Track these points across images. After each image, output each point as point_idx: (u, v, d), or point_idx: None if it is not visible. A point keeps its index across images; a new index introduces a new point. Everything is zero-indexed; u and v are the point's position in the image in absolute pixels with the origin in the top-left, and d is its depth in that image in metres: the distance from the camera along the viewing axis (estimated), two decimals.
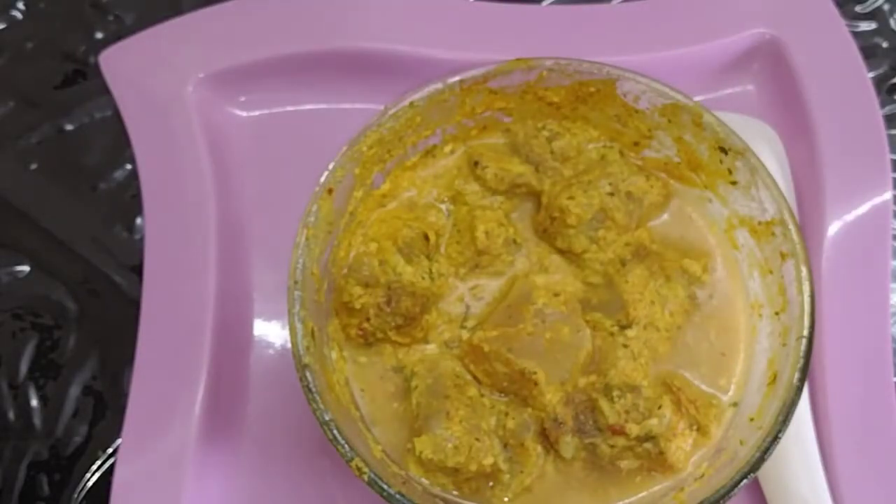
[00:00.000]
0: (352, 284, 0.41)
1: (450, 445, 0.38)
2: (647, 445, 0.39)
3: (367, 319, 0.41)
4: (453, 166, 0.45)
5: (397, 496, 0.36)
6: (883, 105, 0.52)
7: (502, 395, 0.41)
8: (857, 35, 0.54)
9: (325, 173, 0.40)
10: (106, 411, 0.48)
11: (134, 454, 0.44)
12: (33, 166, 0.52)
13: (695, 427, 0.40)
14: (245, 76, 0.51)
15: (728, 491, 0.36)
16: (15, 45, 0.54)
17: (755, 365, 0.41)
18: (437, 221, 0.44)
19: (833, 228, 0.48)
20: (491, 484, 0.40)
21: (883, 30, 0.56)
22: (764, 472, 0.45)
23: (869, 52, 0.54)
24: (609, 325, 0.41)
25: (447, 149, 0.45)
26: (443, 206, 0.44)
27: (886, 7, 0.56)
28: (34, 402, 0.48)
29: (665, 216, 0.44)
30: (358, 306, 0.40)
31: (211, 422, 0.45)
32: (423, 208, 0.44)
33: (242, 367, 0.48)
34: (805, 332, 0.38)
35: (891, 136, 0.51)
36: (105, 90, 0.52)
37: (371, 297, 0.41)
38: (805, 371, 0.38)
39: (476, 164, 0.44)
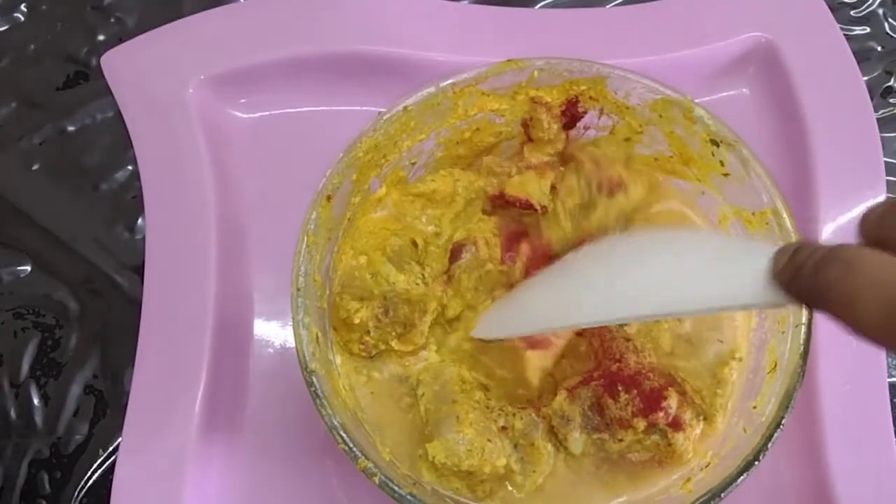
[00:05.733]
0: (347, 300, 0.41)
1: (462, 448, 0.38)
2: (655, 438, 0.40)
3: (368, 332, 0.41)
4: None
5: (408, 497, 0.36)
6: (877, 109, 0.52)
7: (509, 403, 0.41)
8: (852, 39, 0.54)
9: (323, 180, 0.40)
10: (107, 410, 0.48)
11: (135, 453, 0.45)
12: (35, 167, 0.52)
13: (701, 417, 0.40)
14: (245, 78, 0.52)
15: (734, 479, 0.37)
16: (17, 47, 0.55)
17: (755, 352, 0.42)
18: (425, 229, 0.44)
19: (827, 231, 0.48)
20: (506, 484, 0.40)
21: (877, 34, 0.56)
22: None
23: (863, 56, 0.55)
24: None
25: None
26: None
27: (881, 11, 0.56)
28: (35, 401, 0.48)
29: (658, 210, 0.45)
30: (356, 321, 0.41)
31: (211, 420, 0.45)
32: (411, 217, 0.44)
33: (242, 366, 0.48)
34: (804, 320, 0.39)
35: (885, 139, 0.51)
36: (107, 92, 0.53)
37: (368, 309, 0.41)
38: (805, 358, 0.38)
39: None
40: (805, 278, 0.27)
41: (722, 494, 0.37)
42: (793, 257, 0.28)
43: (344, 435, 0.37)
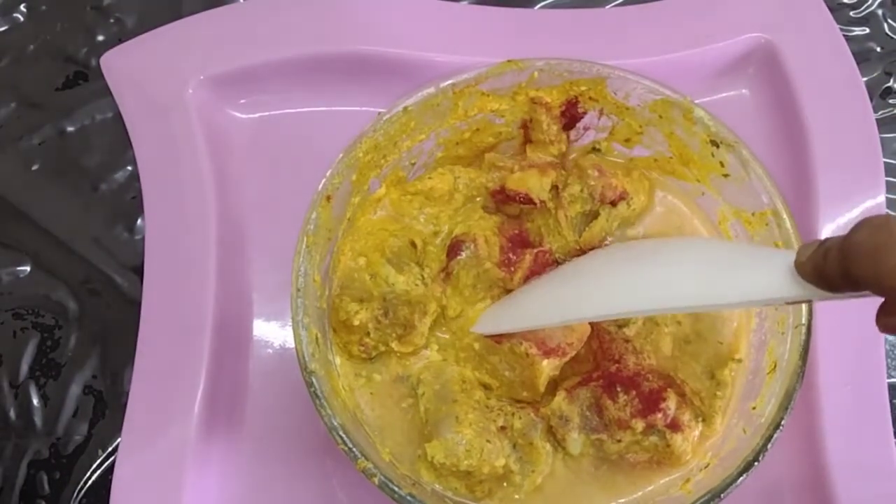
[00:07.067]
0: (346, 302, 0.41)
1: (461, 448, 0.38)
2: (654, 439, 0.40)
3: (368, 334, 0.41)
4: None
5: (408, 497, 0.36)
6: (876, 109, 0.53)
7: (510, 400, 0.41)
8: (851, 40, 0.54)
9: (323, 181, 0.40)
10: (106, 410, 0.48)
11: (134, 453, 0.45)
12: (35, 167, 0.52)
13: (700, 419, 0.40)
14: (245, 79, 0.51)
15: (733, 480, 0.37)
16: (17, 47, 0.55)
17: (754, 354, 0.42)
18: (424, 229, 0.44)
19: (826, 231, 0.48)
20: (504, 485, 0.40)
21: (876, 34, 0.56)
22: None
23: (862, 57, 0.55)
24: (606, 322, 0.42)
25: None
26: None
27: (880, 12, 0.56)
28: (35, 401, 0.48)
29: (659, 211, 0.45)
30: (356, 322, 0.41)
31: (210, 420, 0.45)
32: (409, 217, 0.44)
33: (242, 366, 0.48)
34: (803, 321, 0.39)
35: (884, 140, 0.51)
36: (106, 92, 0.53)
37: (368, 311, 0.41)
38: (805, 358, 0.38)
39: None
40: (835, 250, 0.28)
41: (721, 495, 0.37)
42: (823, 243, 0.29)
43: (344, 435, 0.37)
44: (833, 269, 0.28)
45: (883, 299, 0.28)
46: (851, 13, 0.56)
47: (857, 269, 0.27)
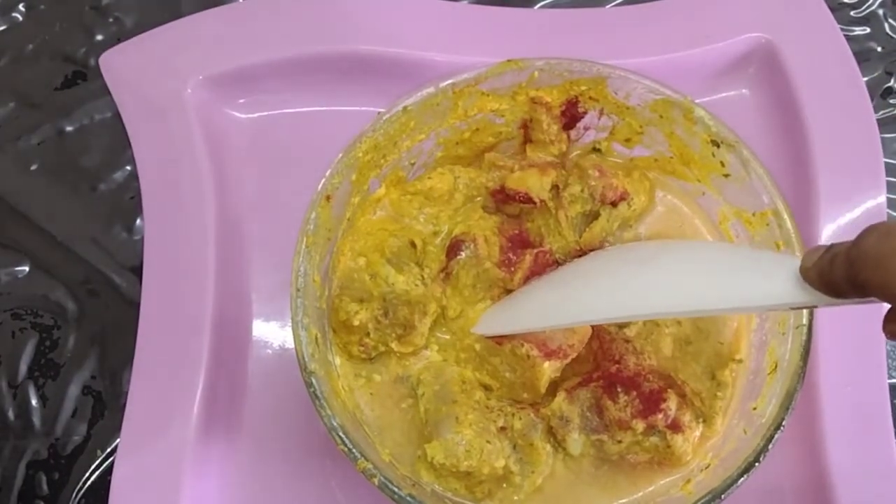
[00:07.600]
0: (346, 302, 0.41)
1: (461, 449, 0.38)
2: (654, 439, 0.40)
3: (367, 334, 0.41)
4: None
5: (408, 498, 0.36)
6: (877, 109, 0.52)
7: (510, 401, 0.41)
8: (852, 39, 0.54)
9: (322, 180, 0.40)
10: (105, 411, 0.48)
11: (133, 453, 0.45)
12: (33, 167, 0.52)
13: (701, 419, 0.40)
14: (244, 78, 0.51)
15: (734, 481, 0.37)
16: (15, 47, 0.55)
17: (755, 354, 0.42)
18: (423, 229, 0.44)
19: (827, 231, 0.48)
20: (504, 485, 0.40)
21: (877, 34, 0.56)
22: None
23: (863, 57, 0.55)
24: (607, 323, 0.42)
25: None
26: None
27: (881, 12, 0.56)
28: (34, 402, 0.48)
29: (659, 211, 0.45)
30: (356, 322, 0.41)
31: (210, 421, 0.45)
32: (409, 217, 0.44)
33: (241, 366, 0.48)
34: (804, 321, 0.39)
35: (885, 140, 0.51)
36: (105, 92, 0.53)
37: (367, 311, 0.41)
38: (806, 359, 0.38)
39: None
40: (841, 256, 0.28)
41: (722, 496, 0.37)
42: (829, 249, 0.29)
43: (343, 436, 0.37)
44: (839, 275, 0.28)
45: (889, 306, 0.28)
46: (852, 13, 0.56)
47: (865, 276, 0.27)
